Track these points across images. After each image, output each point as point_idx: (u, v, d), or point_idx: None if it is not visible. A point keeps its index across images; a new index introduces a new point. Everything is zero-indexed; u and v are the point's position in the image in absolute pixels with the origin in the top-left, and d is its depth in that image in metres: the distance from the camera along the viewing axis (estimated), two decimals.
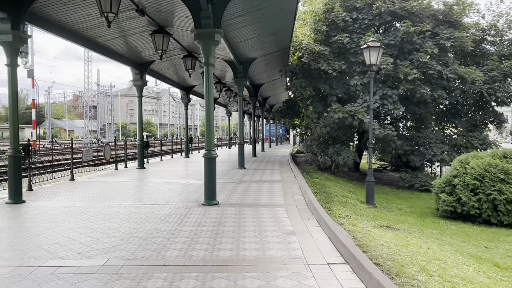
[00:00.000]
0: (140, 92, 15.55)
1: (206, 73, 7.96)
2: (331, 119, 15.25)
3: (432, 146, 15.13)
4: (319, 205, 7.46)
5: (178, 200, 8.54)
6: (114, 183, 11.25)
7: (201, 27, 7.70)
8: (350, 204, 10.08)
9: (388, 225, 8.16)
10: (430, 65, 14.45)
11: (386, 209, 11.53)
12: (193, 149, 31.10)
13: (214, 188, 8.05)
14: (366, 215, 9.02)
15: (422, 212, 11.84)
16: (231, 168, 15.43)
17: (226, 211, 7.34)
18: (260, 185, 10.78)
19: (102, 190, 10.06)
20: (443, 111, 17.81)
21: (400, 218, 9.95)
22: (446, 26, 15.67)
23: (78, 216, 6.91)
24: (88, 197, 8.97)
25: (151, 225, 6.30)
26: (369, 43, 10.88)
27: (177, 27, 11.14)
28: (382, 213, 10.36)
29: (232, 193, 9.51)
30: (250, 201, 8.47)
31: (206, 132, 8.19)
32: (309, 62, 15.21)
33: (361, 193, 13.79)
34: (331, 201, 9.75)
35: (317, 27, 16.26)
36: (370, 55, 10.90)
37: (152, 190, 10.02)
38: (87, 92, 39.24)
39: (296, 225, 6.32)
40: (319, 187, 11.62)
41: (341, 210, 8.71)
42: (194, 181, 11.63)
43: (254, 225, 6.28)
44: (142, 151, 15.56)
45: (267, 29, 11.88)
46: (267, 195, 9.15)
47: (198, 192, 9.51)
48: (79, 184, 11.03)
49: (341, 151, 16.15)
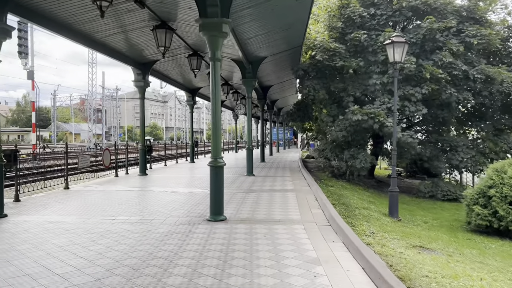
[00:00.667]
0: (143, 93, 14.61)
1: (212, 70, 6.95)
2: (347, 122, 14.18)
3: (459, 151, 13.93)
4: (344, 223, 6.39)
5: (180, 214, 7.52)
6: (111, 193, 10.27)
7: (207, 16, 6.70)
8: (373, 218, 8.98)
9: (421, 245, 7.06)
10: (455, 65, 13.31)
11: (411, 223, 10.42)
12: (199, 153, 30.15)
13: (221, 202, 7.02)
14: (394, 231, 7.93)
15: (451, 226, 10.70)
16: (239, 175, 14.40)
17: (235, 230, 6.30)
18: (272, 196, 9.73)
19: (97, 201, 9.07)
20: (465, 114, 16.62)
21: (431, 234, 8.83)
22: (471, 22, 14.54)
23: (64, 235, 5.91)
24: (80, 209, 7.99)
25: (146, 248, 5.28)
26: (393, 39, 9.82)
27: (181, 21, 10.17)
28: (409, 228, 9.25)
29: (241, 205, 8.47)
30: (262, 215, 7.42)
31: (213, 137, 7.17)
32: (323, 61, 14.15)
33: (381, 203, 12.69)
34: (352, 215, 8.69)
35: (332, 23, 15.21)
36: (394, 51, 9.84)
37: (152, 201, 9.02)
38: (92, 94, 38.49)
39: (320, 249, 5.26)
40: (336, 197, 10.55)
41: (365, 225, 7.67)
42: (199, 190, 10.62)
43: (269, 249, 5.24)
44: (144, 157, 14.58)
45: (279, 23, 10.86)
46: (280, 208, 8.10)
47: (203, 204, 8.50)
48: (74, 194, 10.06)
49: (358, 154, 15.07)
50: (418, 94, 13.23)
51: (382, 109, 13.82)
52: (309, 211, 7.92)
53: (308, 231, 6.24)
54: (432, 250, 6.93)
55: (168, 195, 9.77)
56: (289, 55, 15.20)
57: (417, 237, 7.86)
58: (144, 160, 14.59)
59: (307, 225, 6.61)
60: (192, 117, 22.89)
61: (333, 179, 14.88)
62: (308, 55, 16.12)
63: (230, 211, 7.78)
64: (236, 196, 9.68)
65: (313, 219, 7.14)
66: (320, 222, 6.91)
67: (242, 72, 14.13)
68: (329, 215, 7.15)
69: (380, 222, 8.75)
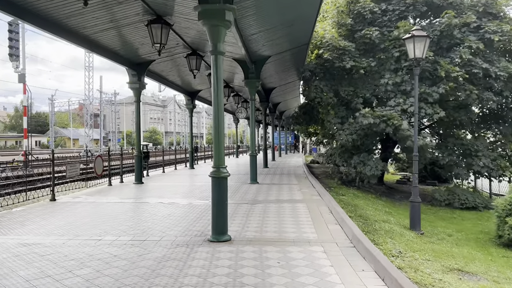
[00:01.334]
0: (138, 96, 13.62)
1: (214, 65, 5.96)
2: (358, 125, 13.19)
3: (479, 156, 12.89)
4: (374, 246, 5.38)
5: (177, 232, 6.51)
6: (102, 205, 9.24)
7: (207, 1, 5.72)
8: (395, 233, 7.96)
9: (459, 268, 6.05)
10: (475, 63, 12.33)
11: (434, 236, 9.39)
12: (198, 158, 29.13)
13: (225, 219, 6.00)
14: (422, 250, 6.91)
15: (478, 240, 9.67)
16: (242, 183, 13.38)
17: (242, 253, 5.28)
18: (280, 208, 8.71)
19: (84, 215, 8.05)
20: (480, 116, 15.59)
21: (463, 252, 7.80)
22: (489, 18, 13.58)
23: (36, 263, 4.90)
24: (63, 226, 6.97)
25: (134, 282, 4.26)
26: (413, 32, 8.85)
27: (178, 15, 9.21)
28: (436, 244, 8.23)
29: (246, 220, 7.45)
30: (272, 233, 6.41)
31: (214, 142, 6.15)
32: (332, 60, 13.16)
33: (398, 213, 11.68)
34: (372, 230, 7.67)
35: (340, 20, 14.23)
36: (414, 46, 8.86)
37: (147, 215, 7.99)
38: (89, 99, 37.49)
39: (349, 282, 4.25)
40: (351, 208, 9.53)
41: (390, 243, 6.66)
42: (199, 201, 9.60)
43: (286, 282, 4.22)
44: (140, 164, 13.56)
45: (286, 17, 9.89)
46: (292, 224, 7.08)
47: (204, 219, 7.49)
48: (60, 207, 9.04)
49: (368, 160, 14.06)
50: (435, 94, 12.22)
51: (396, 111, 12.83)
52: (326, 227, 6.91)
53: (330, 255, 5.22)
54: (473, 274, 5.91)
55: (165, 208, 8.75)
56: (294, 55, 14.24)
57: (451, 257, 6.84)
58: (140, 167, 13.57)
59: (327, 247, 5.60)
60: (191, 121, 21.91)
61: (343, 187, 13.86)
62: (314, 55, 15.16)
63: (235, 227, 6.77)
64: (240, 208, 8.67)
65: (332, 238, 6.13)
66: (341, 242, 5.90)
67: (245, 73, 13.15)
68: (351, 234, 6.13)
69: (404, 238, 7.73)
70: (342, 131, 13.73)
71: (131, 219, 7.63)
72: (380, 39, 13.26)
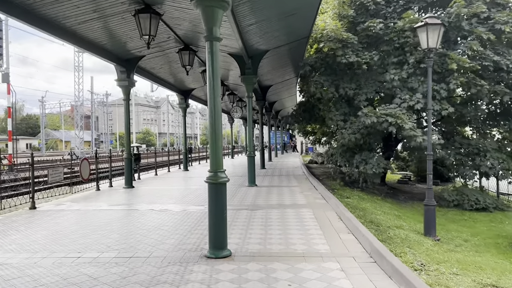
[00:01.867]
0: (127, 94, 12.75)
1: (209, 52, 5.14)
2: (360, 124, 12.45)
3: (487, 156, 12.20)
4: (402, 264, 4.58)
5: (169, 245, 5.68)
6: (87, 214, 8.38)
7: None
8: (412, 240, 7.20)
9: (493, 283, 5.29)
10: (486, 55, 11.63)
11: (450, 242, 8.67)
12: (192, 159, 28.26)
13: (224, 231, 5.18)
14: (446, 260, 6.15)
15: (498, 245, 8.97)
16: (239, 186, 12.57)
17: (245, 273, 4.47)
18: (284, 214, 7.91)
19: (65, 226, 7.18)
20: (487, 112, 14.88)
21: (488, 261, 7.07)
22: (498, 9, 12.89)
23: None
24: (38, 241, 6.10)
25: None
26: (427, 20, 8.10)
27: (169, 3, 8.37)
28: (456, 252, 7.49)
29: (247, 229, 6.65)
30: (278, 246, 5.61)
31: (211, 141, 5.31)
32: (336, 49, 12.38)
33: (407, 216, 10.96)
34: (387, 238, 6.92)
35: (342, 11, 13.47)
36: (427, 35, 8.11)
37: (135, 225, 7.15)
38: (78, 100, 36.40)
39: None
40: (360, 212, 8.78)
41: (409, 254, 5.91)
42: (194, 207, 8.75)
43: None
44: (130, 167, 12.69)
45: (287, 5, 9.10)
46: (299, 234, 6.28)
47: (200, 228, 6.68)
48: (39, 216, 8.16)
49: (369, 159, 13.35)
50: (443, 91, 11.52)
51: (401, 109, 12.11)
52: (338, 237, 6.11)
53: (349, 273, 4.43)
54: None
55: (156, 216, 7.91)
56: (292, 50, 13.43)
57: (479, 269, 6.08)
58: (130, 170, 12.70)
59: (344, 263, 4.80)
60: (185, 121, 21.04)
61: (347, 188, 13.11)
62: (313, 49, 14.39)
63: (235, 239, 5.96)
64: (239, 215, 7.85)
65: (347, 251, 5.34)
66: (359, 256, 5.10)
67: (241, 68, 12.34)
68: (368, 245, 5.35)
69: (423, 246, 6.97)
70: (345, 129, 12.99)
71: (118, 231, 6.77)
72: (384, 32, 12.51)
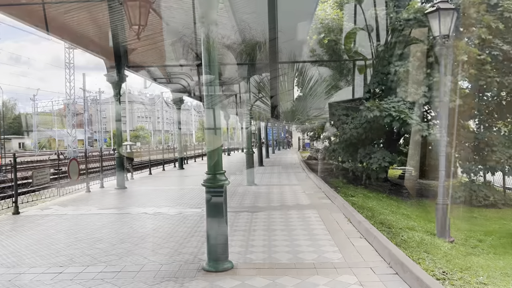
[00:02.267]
0: (118, 90, 12.06)
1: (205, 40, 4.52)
2: (363, 118, 11.91)
3: (495, 150, 11.71)
4: (430, 277, 4.02)
5: (163, 256, 5.08)
6: (74, 219, 7.74)
7: None
8: (428, 244, 6.65)
9: None
10: (494, 44, 11.10)
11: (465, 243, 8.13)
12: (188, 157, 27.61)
13: (225, 242, 4.58)
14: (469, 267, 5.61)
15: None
16: (237, 185, 11.97)
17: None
18: (287, 216, 7.33)
19: (49, 234, 6.54)
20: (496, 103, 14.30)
21: None
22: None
23: None
24: (17, 253, 5.47)
25: None
26: (439, 5, 7.51)
27: None
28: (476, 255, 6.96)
29: (249, 235, 6.05)
30: (285, 254, 5.02)
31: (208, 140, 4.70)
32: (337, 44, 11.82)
33: (416, 215, 10.44)
34: (401, 241, 6.37)
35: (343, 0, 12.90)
36: (440, 22, 7.52)
37: (126, 232, 6.53)
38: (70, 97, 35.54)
39: None
40: (368, 213, 8.23)
41: (428, 259, 5.37)
42: (190, 210, 8.16)
43: None
44: (122, 166, 12.04)
45: None
46: (307, 240, 5.70)
47: (197, 235, 6.08)
48: (22, 222, 7.51)
49: (373, 153, 12.83)
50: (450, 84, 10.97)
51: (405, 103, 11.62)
52: (349, 242, 5.54)
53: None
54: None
55: (149, 220, 7.30)
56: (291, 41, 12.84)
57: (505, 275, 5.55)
58: (122, 170, 12.05)
59: (361, 275, 4.22)
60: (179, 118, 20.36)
61: (350, 186, 12.57)
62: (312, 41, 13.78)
63: (236, 247, 5.37)
64: (240, 218, 7.26)
65: (363, 260, 4.76)
66: (377, 266, 4.53)
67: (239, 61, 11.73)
68: (386, 253, 4.78)
69: (440, 250, 6.41)
70: (347, 124, 12.43)
71: (107, 239, 6.15)
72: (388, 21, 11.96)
